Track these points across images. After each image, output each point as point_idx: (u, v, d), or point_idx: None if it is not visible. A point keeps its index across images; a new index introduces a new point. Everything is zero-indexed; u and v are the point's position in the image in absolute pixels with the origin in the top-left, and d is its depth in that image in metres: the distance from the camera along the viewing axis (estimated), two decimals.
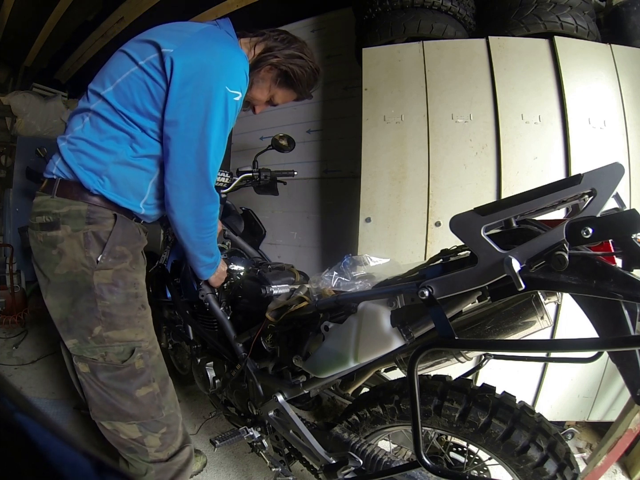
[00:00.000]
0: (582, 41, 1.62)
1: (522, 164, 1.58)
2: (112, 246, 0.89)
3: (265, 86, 1.03)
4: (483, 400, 0.82)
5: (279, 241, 2.49)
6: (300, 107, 2.40)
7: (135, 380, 0.91)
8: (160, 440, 0.96)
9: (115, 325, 0.88)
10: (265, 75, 1.01)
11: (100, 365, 0.89)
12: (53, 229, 0.87)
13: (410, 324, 0.75)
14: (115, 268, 0.89)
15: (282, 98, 1.09)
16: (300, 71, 1.01)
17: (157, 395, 0.94)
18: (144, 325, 0.94)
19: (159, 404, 0.94)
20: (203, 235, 0.97)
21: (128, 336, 0.90)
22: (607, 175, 0.57)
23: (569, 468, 0.75)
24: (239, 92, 0.89)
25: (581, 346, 0.52)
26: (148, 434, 0.94)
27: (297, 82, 1.03)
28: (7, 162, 3.45)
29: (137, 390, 0.91)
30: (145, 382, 0.92)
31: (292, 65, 1.00)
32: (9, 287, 2.72)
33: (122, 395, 0.90)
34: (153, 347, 0.96)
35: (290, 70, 1.01)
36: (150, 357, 0.94)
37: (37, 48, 3.40)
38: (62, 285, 0.88)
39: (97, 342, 0.88)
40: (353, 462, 0.90)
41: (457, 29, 1.75)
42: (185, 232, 0.94)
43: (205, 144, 0.87)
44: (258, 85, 1.02)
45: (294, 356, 0.97)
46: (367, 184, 1.71)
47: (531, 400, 1.63)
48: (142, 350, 0.92)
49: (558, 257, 0.52)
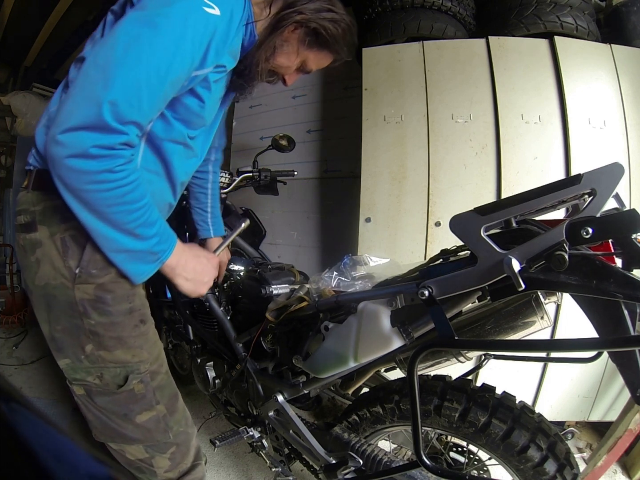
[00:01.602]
0: (582, 41, 1.62)
1: (522, 164, 1.58)
2: (92, 252, 0.71)
3: (291, 50, 0.83)
4: (483, 400, 0.82)
5: (279, 241, 2.49)
6: (300, 107, 2.40)
7: (136, 406, 0.79)
8: (170, 460, 0.86)
9: (105, 346, 0.75)
10: (289, 36, 0.81)
11: (95, 390, 0.77)
12: (31, 230, 0.72)
13: (410, 324, 0.75)
14: (98, 282, 0.72)
15: (315, 62, 0.87)
16: (334, 27, 0.80)
17: (162, 418, 0.83)
18: (143, 344, 0.79)
19: (165, 426, 0.83)
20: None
21: (123, 358, 0.76)
22: (607, 175, 0.56)
23: (569, 468, 0.75)
24: (216, 7, 0.65)
25: (581, 346, 0.52)
26: (156, 455, 0.84)
27: (331, 40, 0.82)
28: (7, 162, 3.45)
29: (138, 416, 0.79)
30: (147, 407, 0.80)
31: (322, 21, 0.78)
32: (9, 287, 2.72)
33: (123, 419, 0.80)
34: (158, 366, 0.83)
35: (322, 27, 0.79)
36: (154, 379, 0.81)
37: (37, 48, 3.40)
38: (41, 299, 0.75)
39: (91, 361, 0.75)
40: (353, 462, 0.90)
41: (457, 29, 1.75)
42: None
43: (134, 43, 0.60)
44: (282, 50, 0.82)
45: (294, 356, 0.97)
46: (367, 184, 1.71)
47: (531, 400, 1.63)
48: (141, 373, 0.78)
49: (558, 257, 0.52)
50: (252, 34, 0.79)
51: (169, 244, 0.74)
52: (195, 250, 0.85)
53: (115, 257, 0.69)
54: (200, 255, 0.85)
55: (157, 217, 0.71)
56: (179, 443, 0.86)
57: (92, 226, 0.65)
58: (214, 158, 1.21)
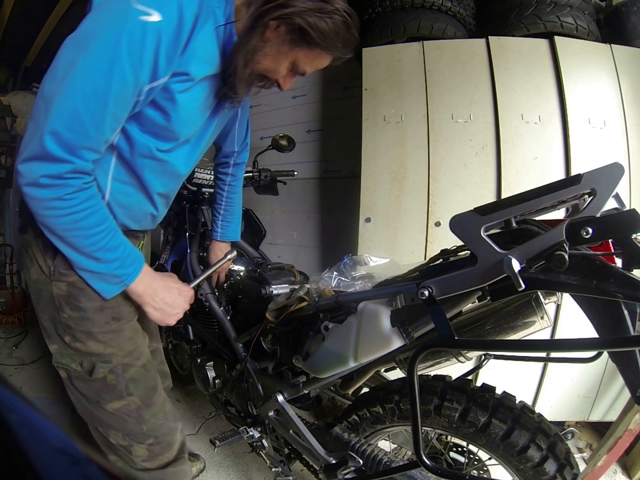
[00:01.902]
0: (582, 41, 1.62)
1: (522, 164, 1.58)
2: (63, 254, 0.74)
3: (276, 51, 0.74)
4: (483, 400, 0.82)
5: (279, 241, 2.49)
6: (300, 107, 2.40)
7: (107, 395, 0.83)
8: (148, 450, 0.88)
9: (78, 338, 0.80)
10: (272, 36, 0.72)
11: (75, 375, 0.83)
12: (24, 231, 0.80)
13: (410, 324, 0.75)
14: (69, 280, 0.76)
15: (309, 63, 0.77)
16: (323, 21, 0.68)
17: (136, 409, 0.85)
18: (114, 339, 0.82)
19: (139, 417, 0.86)
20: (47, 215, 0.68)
21: (95, 349, 0.81)
22: (607, 175, 0.56)
23: (569, 468, 0.75)
24: (153, 12, 0.60)
25: (581, 346, 0.52)
26: (134, 444, 0.87)
27: (321, 37, 0.70)
28: (7, 162, 3.45)
29: (110, 404, 0.83)
30: (118, 396, 0.84)
31: (307, 15, 0.68)
32: (9, 287, 2.72)
33: (96, 405, 0.84)
34: (133, 359, 0.85)
35: (307, 24, 0.68)
36: (126, 371, 0.84)
37: (37, 48, 3.40)
38: (34, 292, 0.82)
39: (73, 349, 0.81)
40: (353, 462, 0.90)
41: (457, 29, 1.75)
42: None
43: (69, 71, 0.60)
44: (266, 52, 0.73)
45: (294, 356, 0.97)
46: (367, 184, 1.71)
47: (531, 400, 1.63)
48: (111, 363, 0.82)
49: (558, 257, 0.52)
50: (232, 35, 0.73)
51: (134, 269, 0.77)
52: (168, 280, 0.87)
53: (81, 274, 0.74)
54: (172, 287, 0.86)
55: (120, 242, 0.74)
56: (157, 435, 0.89)
57: (58, 246, 0.70)
58: (234, 162, 1.20)
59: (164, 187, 0.86)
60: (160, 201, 0.89)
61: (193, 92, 0.73)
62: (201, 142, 0.88)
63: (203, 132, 0.87)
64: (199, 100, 0.76)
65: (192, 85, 0.72)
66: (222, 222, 1.26)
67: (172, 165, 0.82)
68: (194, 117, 0.79)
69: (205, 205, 1.49)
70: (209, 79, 0.75)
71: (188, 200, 1.52)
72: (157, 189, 0.84)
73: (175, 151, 0.81)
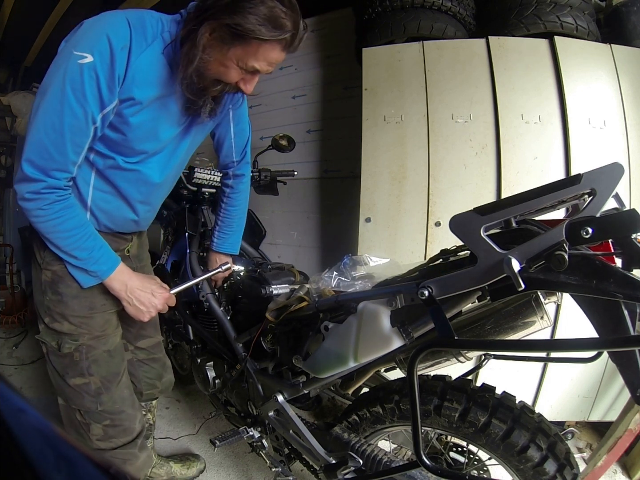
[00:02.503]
0: (582, 41, 1.62)
1: (522, 164, 1.58)
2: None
3: (220, 54, 0.78)
4: (483, 400, 0.82)
5: (279, 241, 2.49)
6: (300, 107, 2.40)
7: (71, 370, 0.95)
8: (103, 431, 0.98)
9: (55, 319, 0.94)
10: (209, 42, 0.77)
11: (50, 350, 0.96)
12: (29, 234, 0.98)
13: (410, 324, 0.75)
14: (53, 269, 0.92)
15: (254, 58, 0.79)
16: (247, 12, 0.72)
17: (95, 389, 0.96)
18: (83, 323, 0.94)
19: (96, 397, 0.97)
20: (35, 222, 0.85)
21: (67, 329, 0.94)
22: (607, 175, 0.57)
23: (569, 468, 0.75)
24: (87, 55, 0.72)
25: (581, 346, 0.53)
26: (92, 422, 0.98)
27: (250, 29, 0.73)
28: (7, 162, 3.45)
29: (72, 379, 0.96)
30: (80, 373, 0.95)
31: (229, 12, 0.72)
32: (9, 287, 2.72)
33: (62, 379, 0.97)
34: (98, 343, 0.97)
35: (231, 21, 0.73)
36: (90, 352, 0.95)
37: (37, 48, 3.41)
38: (33, 278, 0.98)
39: (51, 329, 0.95)
40: (353, 462, 0.90)
41: (457, 29, 1.75)
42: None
43: (35, 113, 0.77)
44: (209, 58, 0.79)
45: (294, 356, 0.97)
46: (367, 184, 1.71)
47: (531, 400, 1.63)
48: (77, 342, 0.94)
49: (558, 257, 0.52)
50: (177, 54, 0.81)
51: (107, 267, 0.91)
52: (145, 281, 0.97)
53: (66, 265, 0.89)
54: (147, 289, 0.96)
55: (94, 244, 0.88)
56: (114, 418, 0.99)
57: (47, 244, 0.87)
58: (233, 173, 1.23)
59: (141, 195, 0.96)
60: (141, 208, 0.99)
61: (146, 113, 0.84)
62: (177, 153, 0.97)
63: (178, 145, 0.96)
64: (157, 119, 0.86)
65: (142, 107, 0.82)
66: (219, 233, 1.28)
67: (145, 174, 0.93)
68: (157, 133, 0.88)
69: (206, 205, 1.49)
70: (162, 99, 0.84)
71: (188, 200, 1.52)
72: (135, 196, 0.95)
73: (146, 162, 0.92)
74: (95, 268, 0.89)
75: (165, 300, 0.99)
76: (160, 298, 0.98)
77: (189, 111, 0.89)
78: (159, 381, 1.23)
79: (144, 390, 1.20)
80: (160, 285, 1.00)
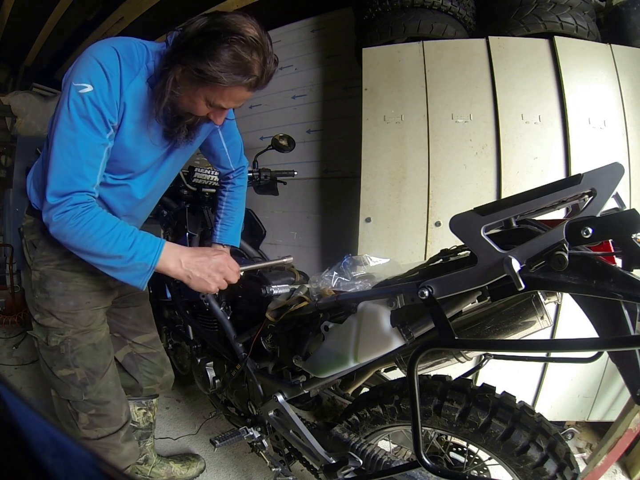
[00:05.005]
0: (582, 41, 1.62)
1: (522, 164, 1.58)
2: (41, 250, 0.99)
3: (189, 91, 0.84)
4: (483, 400, 0.82)
5: (279, 241, 2.49)
6: (300, 107, 2.40)
7: (57, 362, 1.01)
8: (89, 420, 1.04)
9: (44, 315, 1.00)
10: (180, 78, 0.83)
11: (41, 344, 1.02)
12: (21, 237, 1.06)
13: (410, 324, 0.75)
14: (41, 269, 0.99)
15: (221, 99, 0.84)
16: (212, 60, 0.76)
17: (81, 380, 1.01)
18: (69, 319, 1.00)
19: (82, 387, 1.02)
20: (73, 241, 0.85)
21: (54, 324, 0.99)
22: (607, 175, 0.57)
23: (569, 468, 0.75)
24: (87, 85, 0.79)
25: (581, 346, 0.52)
26: (79, 412, 1.03)
27: (215, 76, 0.77)
28: (7, 162, 3.45)
29: (59, 371, 1.01)
30: (66, 365, 1.01)
31: (196, 58, 0.77)
32: (9, 287, 2.72)
33: (50, 371, 1.02)
34: (83, 337, 1.02)
35: (199, 66, 0.77)
36: (75, 345, 1.00)
37: (37, 48, 3.40)
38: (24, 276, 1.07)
39: (40, 325, 1.01)
40: (353, 462, 0.90)
41: (457, 29, 1.75)
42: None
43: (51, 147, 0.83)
44: (180, 94, 0.84)
45: (294, 356, 0.97)
46: (367, 184, 1.71)
47: (531, 400, 1.63)
48: (62, 335, 0.99)
49: (558, 257, 0.52)
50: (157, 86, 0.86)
51: (153, 248, 0.86)
52: (200, 249, 0.94)
53: (114, 274, 0.86)
54: (200, 254, 0.92)
55: (135, 237, 0.85)
56: (99, 408, 1.04)
57: (91, 262, 0.86)
58: (233, 177, 1.29)
59: (126, 209, 1.02)
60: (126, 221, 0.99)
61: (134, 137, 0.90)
62: (161, 171, 1.03)
63: (161, 164, 1.02)
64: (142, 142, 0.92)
65: (131, 132, 0.89)
66: (221, 225, 1.30)
67: (131, 189, 0.99)
68: (143, 156, 0.95)
69: (206, 206, 1.49)
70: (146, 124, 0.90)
71: (188, 200, 1.52)
72: (120, 209, 1.00)
73: (135, 179, 0.98)
74: (143, 260, 0.85)
75: (222, 260, 0.93)
76: (217, 258, 0.92)
77: (167, 136, 0.95)
78: (159, 377, 1.24)
79: (144, 386, 1.21)
80: (213, 250, 0.96)
